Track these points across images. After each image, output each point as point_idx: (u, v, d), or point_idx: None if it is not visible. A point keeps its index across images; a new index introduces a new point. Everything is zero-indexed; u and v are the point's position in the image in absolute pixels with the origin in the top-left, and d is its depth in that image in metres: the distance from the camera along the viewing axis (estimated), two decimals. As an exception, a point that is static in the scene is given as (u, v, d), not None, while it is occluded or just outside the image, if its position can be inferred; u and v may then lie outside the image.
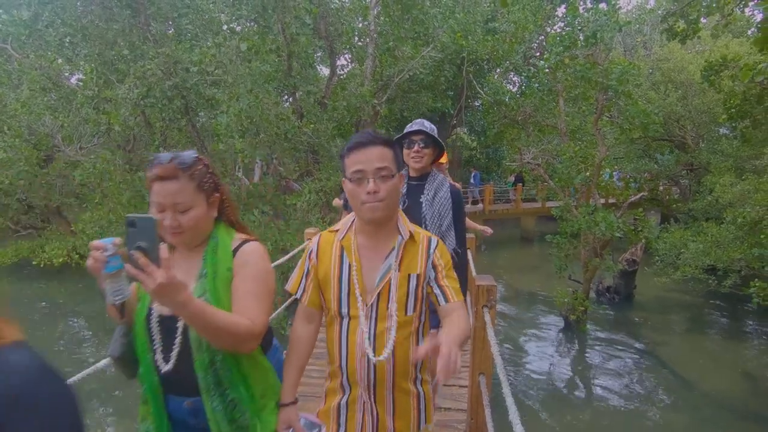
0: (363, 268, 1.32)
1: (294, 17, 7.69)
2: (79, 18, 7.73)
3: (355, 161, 1.23)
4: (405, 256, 1.32)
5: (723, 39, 12.77)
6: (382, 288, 1.29)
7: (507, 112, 12.03)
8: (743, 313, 9.52)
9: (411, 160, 2.24)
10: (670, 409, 6.03)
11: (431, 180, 2.22)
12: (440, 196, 2.16)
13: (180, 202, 1.16)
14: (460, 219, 2.23)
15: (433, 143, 2.19)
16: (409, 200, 2.19)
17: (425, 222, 2.12)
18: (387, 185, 1.23)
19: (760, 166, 9.33)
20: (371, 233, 1.32)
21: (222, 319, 1.09)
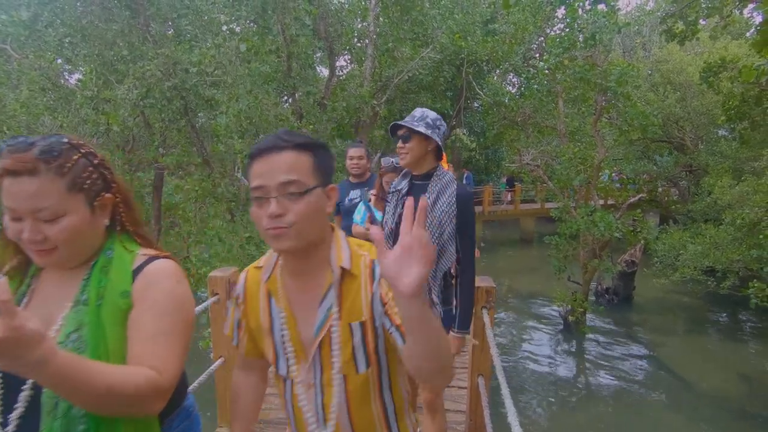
0: (297, 318, 1.01)
1: (294, 18, 7.69)
2: (78, 18, 7.72)
3: (256, 174, 0.91)
4: (344, 299, 0.98)
5: (722, 41, 12.81)
6: (321, 343, 0.99)
7: (506, 113, 12.05)
8: (742, 314, 9.53)
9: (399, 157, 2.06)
10: (668, 409, 6.03)
11: (436, 180, 1.91)
12: (443, 201, 1.86)
13: (44, 208, 0.83)
14: (466, 228, 1.89)
15: (422, 136, 1.87)
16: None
17: None
18: (298, 206, 0.88)
19: (758, 168, 9.35)
20: (296, 270, 1.00)
21: (104, 378, 0.75)
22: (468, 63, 13.09)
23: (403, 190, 2.00)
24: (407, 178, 2.00)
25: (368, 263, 0.99)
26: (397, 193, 2.02)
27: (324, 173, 0.95)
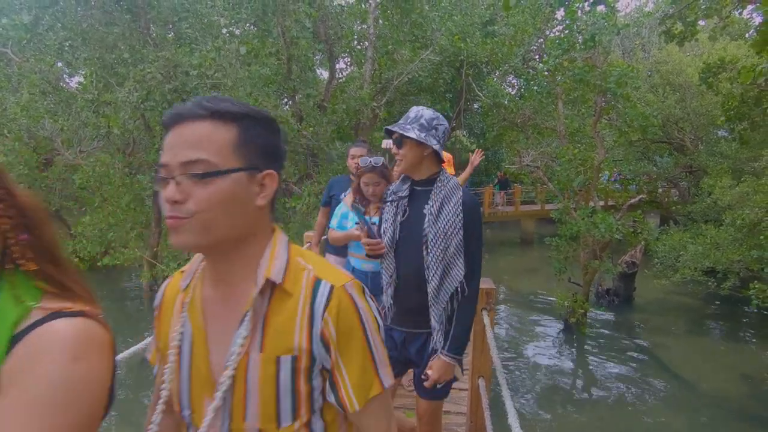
0: (209, 341, 0.76)
1: (294, 21, 7.72)
2: (79, 22, 7.75)
3: (164, 149, 0.71)
4: (269, 323, 0.73)
5: (721, 41, 12.82)
6: (235, 380, 0.72)
7: (506, 115, 12.07)
8: (742, 315, 9.52)
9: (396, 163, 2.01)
10: (669, 410, 6.02)
11: (439, 186, 1.69)
12: (448, 210, 1.64)
13: None
14: (474, 241, 1.67)
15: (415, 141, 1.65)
16: (411, 212, 1.73)
17: (427, 243, 1.64)
18: (202, 191, 0.67)
19: (758, 168, 9.35)
20: (215, 277, 0.77)
21: None
22: (467, 65, 13.12)
23: (403, 196, 1.77)
24: (407, 183, 1.78)
25: (311, 280, 0.74)
26: (396, 199, 1.78)
27: (255, 153, 0.72)
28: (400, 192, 1.78)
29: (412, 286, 1.70)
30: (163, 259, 9.78)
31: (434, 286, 1.64)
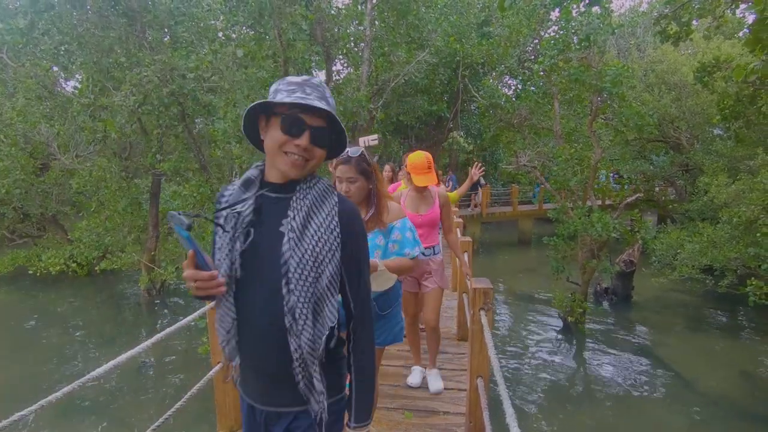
0: None
1: (290, 23, 7.73)
2: (74, 26, 7.74)
3: None
4: None
5: (715, 41, 12.90)
6: None
7: (503, 115, 12.10)
8: (740, 312, 9.55)
9: None
10: (668, 408, 6.04)
11: (304, 189, 1.12)
12: (317, 224, 1.09)
13: None
14: (357, 264, 1.16)
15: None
16: (260, 232, 1.11)
17: (287, 277, 1.05)
18: None
19: (754, 167, 9.40)
20: None
21: None
22: (464, 66, 13.16)
23: (244, 212, 1.12)
24: (252, 189, 1.14)
25: None
26: (233, 216, 1.12)
27: None
28: (241, 205, 1.13)
29: (267, 343, 1.10)
30: (160, 263, 9.76)
31: (305, 340, 1.07)
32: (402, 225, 2.09)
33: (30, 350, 7.68)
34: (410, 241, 2.08)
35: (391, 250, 2.07)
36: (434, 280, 3.09)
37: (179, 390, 6.08)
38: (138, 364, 6.98)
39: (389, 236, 2.08)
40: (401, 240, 2.07)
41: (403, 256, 2.06)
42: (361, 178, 1.99)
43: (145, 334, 8.32)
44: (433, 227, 3.09)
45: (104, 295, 10.97)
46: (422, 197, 3.06)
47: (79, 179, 9.58)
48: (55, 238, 12.02)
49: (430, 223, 3.05)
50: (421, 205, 3.06)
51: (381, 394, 3.31)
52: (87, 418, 5.59)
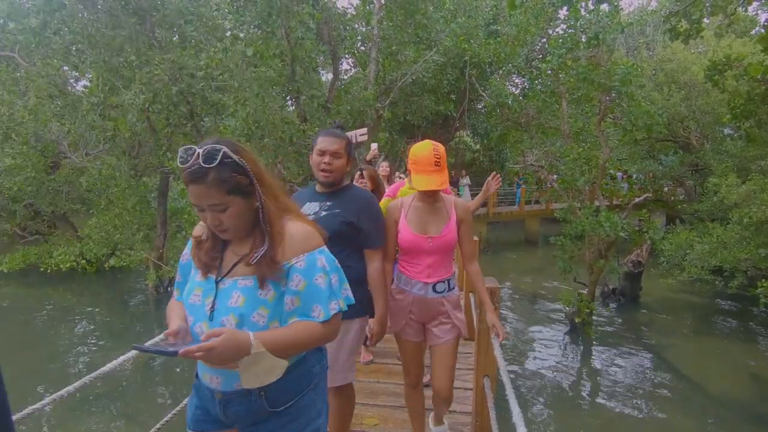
0: None
1: (298, 22, 7.76)
2: (85, 25, 7.83)
3: None
4: None
5: (726, 39, 12.74)
6: None
7: (510, 115, 12.04)
8: (750, 314, 9.44)
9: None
10: (676, 411, 5.99)
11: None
12: None
13: None
14: None
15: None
16: None
17: None
18: None
19: (765, 167, 9.28)
20: None
21: None
22: (471, 65, 13.11)
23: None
24: None
25: None
26: None
27: None
28: None
29: None
30: (168, 260, 9.85)
31: None
32: (309, 264, 1.20)
33: (41, 345, 7.79)
34: (324, 292, 1.21)
35: (289, 308, 1.19)
36: (449, 326, 2.15)
37: (187, 382, 6.14)
38: (147, 358, 7.06)
39: (286, 284, 1.19)
40: (307, 290, 1.19)
41: (309, 319, 1.19)
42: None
43: (153, 329, 8.40)
44: (446, 254, 2.15)
45: (113, 291, 11.10)
46: (432, 210, 2.11)
47: (88, 177, 9.70)
48: (66, 236, 12.18)
49: (443, 248, 2.10)
50: (430, 222, 2.10)
51: (387, 392, 3.32)
52: (94, 412, 5.67)
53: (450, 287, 2.16)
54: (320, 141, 1.94)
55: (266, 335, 1.12)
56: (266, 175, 1.23)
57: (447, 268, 2.15)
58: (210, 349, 1.00)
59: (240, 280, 1.19)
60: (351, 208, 1.95)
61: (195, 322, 1.21)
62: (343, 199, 1.98)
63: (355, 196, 2.00)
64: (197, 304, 1.21)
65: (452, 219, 2.11)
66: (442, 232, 2.08)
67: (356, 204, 1.97)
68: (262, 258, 1.19)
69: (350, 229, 1.93)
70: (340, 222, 1.91)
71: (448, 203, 2.14)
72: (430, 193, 2.04)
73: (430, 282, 2.10)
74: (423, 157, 1.98)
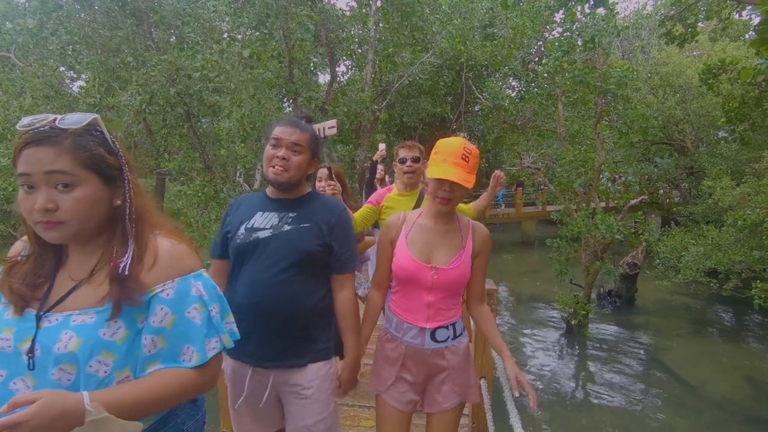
0: None
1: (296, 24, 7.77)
2: (82, 26, 7.81)
3: None
4: None
5: (721, 43, 12.85)
6: None
7: (506, 117, 12.09)
8: (745, 315, 9.50)
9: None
10: (672, 412, 6.01)
11: None
12: None
13: None
14: None
15: None
16: None
17: None
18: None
19: (759, 169, 9.36)
20: None
21: None
22: (467, 67, 13.16)
23: None
24: None
25: None
26: None
27: None
28: None
29: None
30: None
31: None
32: (180, 292, 0.94)
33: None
34: (200, 328, 0.94)
35: (149, 352, 0.91)
36: (452, 388, 1.62)
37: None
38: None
39: (146, 319, 0.92)
40: (176, 326, 0.93)
41: (177, 365, 0.92)
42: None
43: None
44: (453, 292, 1.61)
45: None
46: (443, 232, 1.61)
47: (84, 178, 9.64)
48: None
49: (450, 285, 1.58)
50: (437, 248, 1.59)
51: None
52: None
53: (455, 334, 1.62)
54: (276, 130, 1.52)
55: (111, 394, 0.81)
56: (137, 178, 0.98)
57: (453, 309, 1.62)
58: (16, 424, 0.68)
59: (75, 315, 0.86)
60: (322, 220, 1.52)
61: (8, 378, 0.84)
62: (311, 209, 1.54)
63: (325, 206, 1.56)
64: (6, 351, 0.84)
65: (467, 248, 1.59)
66: (452, 263, 1.56)
67: (327, 216, 1.53)
68: (117, 276, 0.87)
69: (322, 249, 1.51)
70: (314, 239, 1.49)
71: (464, 226, 1.62)
72: (444, 199, 1.52)
73: (428, 327, 1.57)
74: (449, 147, 1.52)
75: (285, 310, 1.46)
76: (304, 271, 1.49)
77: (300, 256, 1.47)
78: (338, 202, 1.63)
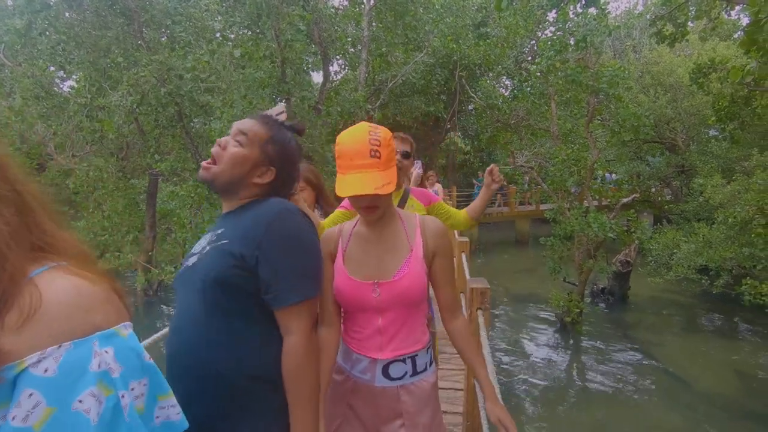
0: None
1: (288, 23, 7.75)
2: (72, 26, 7.74)
3: None
4: None
5: (710, 42, 12.99)
6: None
7: (499, 116, 12.14)
8: (735, 312, 9.61)
9: None
10: (664, 407, 6.07)
11: None
12: None
13: None
14: None
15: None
16: None
17: None
18: None
19: (749, 167, 9.47)
20: None
21: None
22: (461, 66, 13.20)
23: None
24: None
25: None
26: None
27: None
28: None
29: None
30: (158, 263, 9.75)
31: None
32: (68, 367, 0.57)
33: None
34: (97, 428, 0.56)
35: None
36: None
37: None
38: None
39: (6, 411, 0.54)
40: (53, 425, 0.55)
41: None
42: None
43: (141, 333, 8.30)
44: (410, 310, 1.28)
45: (101, 295, 10.91)
46: (381, 238, 1.30)
47: (75, 179, 9.56)
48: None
49: (402, 301, 1.26)
50: (378, 258, 1.29)
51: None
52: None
53: (416, 370, 1.27)
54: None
55: None
56: (19, 175, 0.67)
57: (414, 335, 1.27)
58: None
59: None
60: (241, 235, 1.07)
61: None
62: (239, 221, 1.12)
63: (257, 215, 1.10)
64: None
65: (416, 251, 1.26)
66: (398, 273, 1.23)
67: (250, 227, 1.07)
68: None
69: (239, 274, 1.04)
70: (226, 262, 1.04)
71: (410, 225, 1.29)
72: (368, 209, 1.21)
73: (380, 358, 1.24)
74: (352, 144, 1.17)
75: (198, 365, 1.02)
76: (220, 309, 1.04)
77: (207, 288, 1.04)
78: (278, 206, 1.12)
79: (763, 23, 3.73)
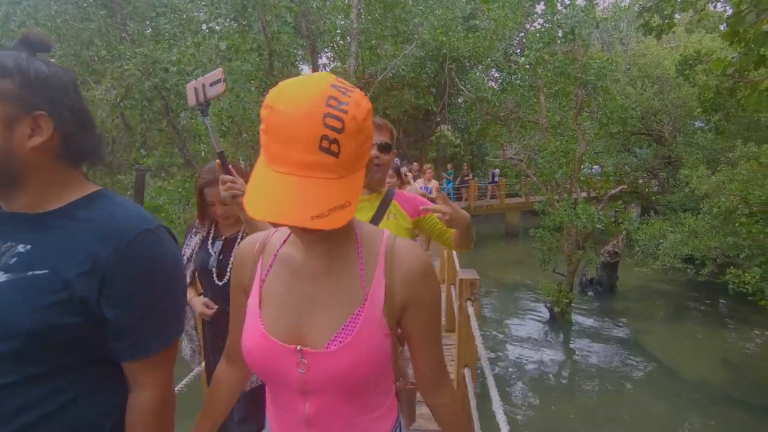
0: None
1: (275, 16, 7.64)
2: (53, 18, 7.55)
3: None
4: None
5: (696, 34, 13.11)
6: None
7: (489, 109, 12.16)
8: (720, 300, 9.82)
9: None
10: (651, 395, 6.20)
11: None
12: None
13: None
14: None
15: None
16: None
17: None
18: None
19: (733, 158, 9.62)
20: None
21: None
22: (450, 59, 13.17)
23: None
24: None
25: None
26: None
27: None
28: None
29: None
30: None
31: None
32: None
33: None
34: None
35: None
36: None
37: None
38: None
39: None
40: None
41: None
42: None
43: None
44: (353, 395, 0.78)
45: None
46: (323, 263, 0.77)
47: (59, 175, 9.37)
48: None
49: (339, 382, 0.75)
50: (312, 302, 0.76)
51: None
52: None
53: None
54: None
55: None
56: None
57: (366, 419, 0.82)
58: None
59: None
60: (78, 260, 0.74)
61: None
62: (57, 235, 0.76)
63: (99, 232, 0.76)
64: None
65: (372, 302, 0.76)
66: (334, 341, 0.75)
67: (96, 249, 0.75)
68: None
69: (77, 323, 0.74)
70: (37, 297, 0.72)
71: (370, 252, 0.79)
72: (305, 236, 0.73)
73: None
74: (288, 117, 0.63)
75: None
76: (39, 369, 0.73)
77: (15, 344, 0.70)
78: (134, 220, 0.80)
79: (745, 14, 3.76)
